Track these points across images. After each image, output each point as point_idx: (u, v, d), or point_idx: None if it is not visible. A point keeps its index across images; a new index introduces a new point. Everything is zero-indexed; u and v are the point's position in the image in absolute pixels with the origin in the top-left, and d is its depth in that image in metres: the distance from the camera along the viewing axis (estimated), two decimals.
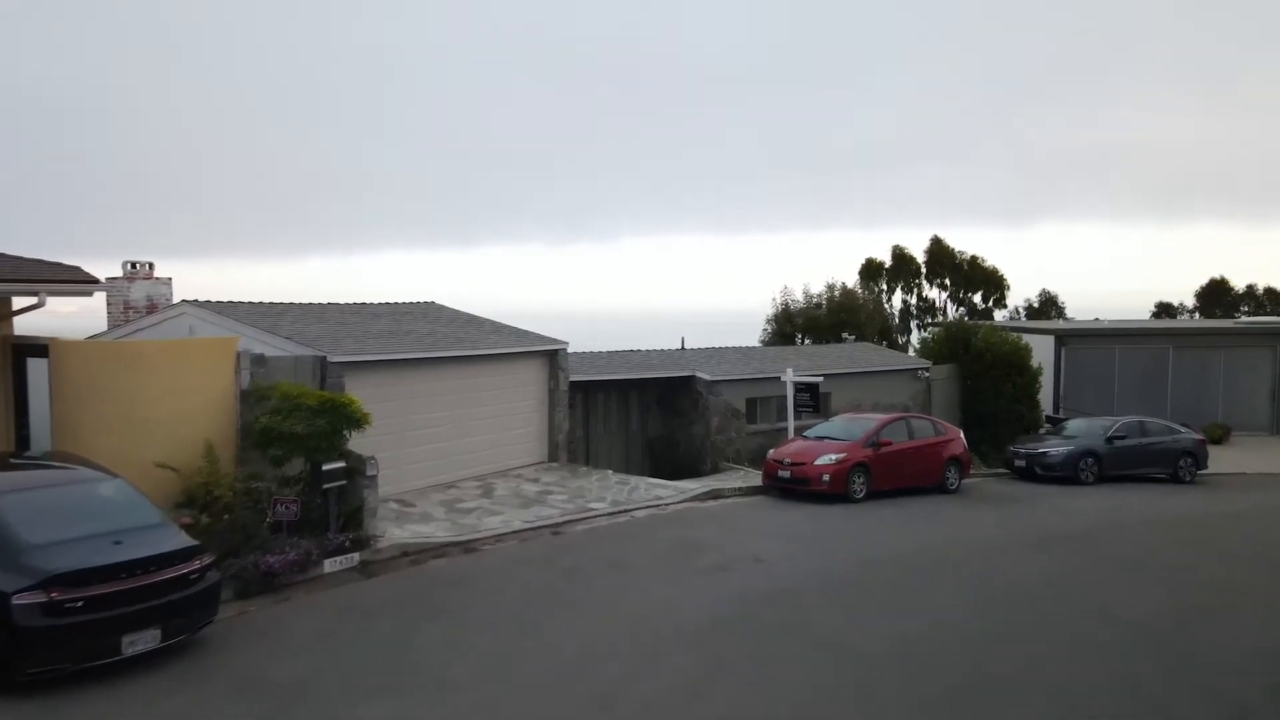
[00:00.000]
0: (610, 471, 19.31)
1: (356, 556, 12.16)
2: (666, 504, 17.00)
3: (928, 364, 25.84)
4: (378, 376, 15.94)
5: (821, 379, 21.09)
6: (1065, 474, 21.17)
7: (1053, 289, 46.11)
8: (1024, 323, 34.55)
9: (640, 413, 22.73)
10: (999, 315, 45.09)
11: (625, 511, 16.18)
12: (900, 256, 46.38)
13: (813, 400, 21.42)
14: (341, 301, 19.67)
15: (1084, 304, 47.10)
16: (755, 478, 19.93)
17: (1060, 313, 45.41)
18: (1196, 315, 49.58)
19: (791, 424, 21.12)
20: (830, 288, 41.59)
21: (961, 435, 20.32)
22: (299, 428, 11.86)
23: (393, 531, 13.66)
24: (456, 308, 21.38)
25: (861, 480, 17.92)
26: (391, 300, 20.84)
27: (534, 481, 17.97)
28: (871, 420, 19.13)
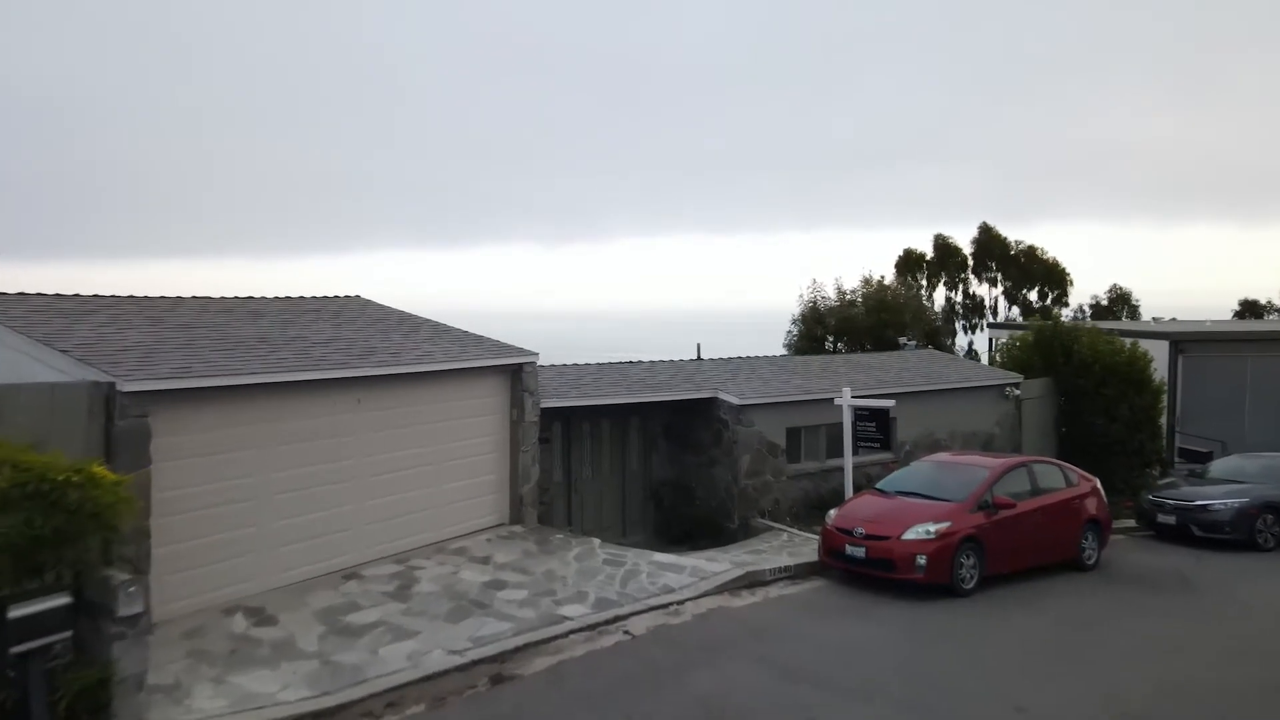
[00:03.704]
0: (597, 542, 13.37)
1: None
2: (680, 601, 11.13)
3: (1019, 378, 19.84)
4: (223, 410, 10.08)
5: (892, 403, 15.14)
6: (1236, 536, 15.19)
7: (1125, 284, 39.71)
8: (1127, 324, 28.44)
9: (642, 448, 16.80)
10: (1061, 314, 38.98)
11: (616, 620, 10.34)
12: (944, 247, 40.24)
13: (880, 432, 15.45)
14: (219, 296, 13.86)
15: (1154, 303, 40.93)
16: (804, 546, 14.03)
17: (1133, 313, 39.25)
18: None
19: (849, 463, 15.17)
20: (866, 282, 35.62)
21: (1098, 485, 14.35)
22: None
23: (196, 701, 7.73)
24: (384, 303, 15.53)
25: (972, 562, 11.98)
26: (298, 295, 15.00)
27: (482, 564, 12.05)
28: (980, 468, 13.14)
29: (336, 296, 15.41)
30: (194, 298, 13.37)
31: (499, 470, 13.78)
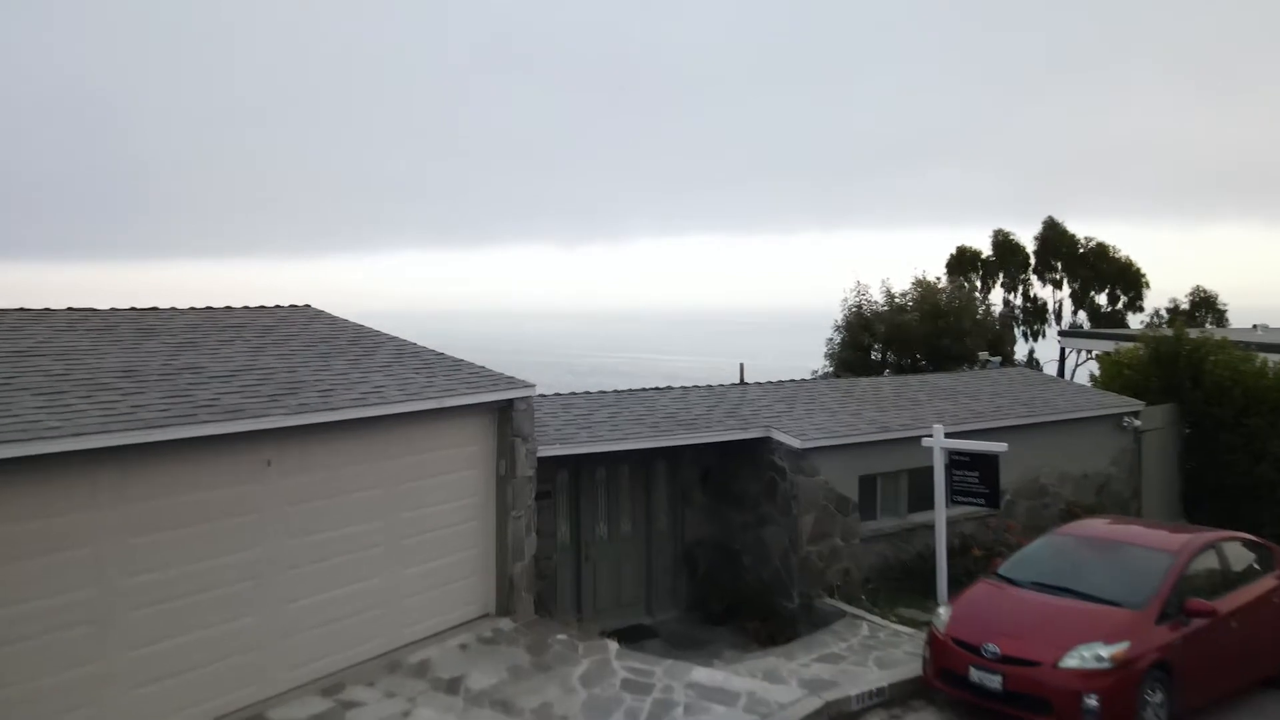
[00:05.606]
0: (614, 649, 9.70)
1: None
2: None
3: (1138, 405, 15.99)
4: (41, 489, 6.56)
5: (1004, 447, 11.38)
6: None
7: (1209, 286, 35.50)
8: (1246, 332, 24.43)
9: (672, 499, 13.14)
10: (1134, 320, 34.96)
11: None
12: (1004, 245, 36.22)
13: (984, 484, 11.69)
14: (107, 306, 10.35)
15: (1238, 305, 36.69)
16: (893, 645, 10.35)
17: (1219, 319, 35.11)
18: None
19: (943, 524, 11.47)
20: (918, 284, 31.74)
21: None
22: None
23: None
24: (336, 314, 11.95)
25: (1159, 699, 8.23)
26: (223, 305, 11.49)
27: (448, 693, 8.43)
28: (1156, 552, 9.31)
29: (277, 306, 11.87)
30: (69, 309, 9.88)
31: (481, 543, 10.18)
